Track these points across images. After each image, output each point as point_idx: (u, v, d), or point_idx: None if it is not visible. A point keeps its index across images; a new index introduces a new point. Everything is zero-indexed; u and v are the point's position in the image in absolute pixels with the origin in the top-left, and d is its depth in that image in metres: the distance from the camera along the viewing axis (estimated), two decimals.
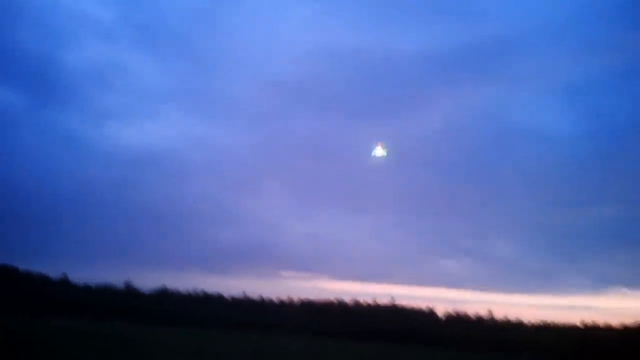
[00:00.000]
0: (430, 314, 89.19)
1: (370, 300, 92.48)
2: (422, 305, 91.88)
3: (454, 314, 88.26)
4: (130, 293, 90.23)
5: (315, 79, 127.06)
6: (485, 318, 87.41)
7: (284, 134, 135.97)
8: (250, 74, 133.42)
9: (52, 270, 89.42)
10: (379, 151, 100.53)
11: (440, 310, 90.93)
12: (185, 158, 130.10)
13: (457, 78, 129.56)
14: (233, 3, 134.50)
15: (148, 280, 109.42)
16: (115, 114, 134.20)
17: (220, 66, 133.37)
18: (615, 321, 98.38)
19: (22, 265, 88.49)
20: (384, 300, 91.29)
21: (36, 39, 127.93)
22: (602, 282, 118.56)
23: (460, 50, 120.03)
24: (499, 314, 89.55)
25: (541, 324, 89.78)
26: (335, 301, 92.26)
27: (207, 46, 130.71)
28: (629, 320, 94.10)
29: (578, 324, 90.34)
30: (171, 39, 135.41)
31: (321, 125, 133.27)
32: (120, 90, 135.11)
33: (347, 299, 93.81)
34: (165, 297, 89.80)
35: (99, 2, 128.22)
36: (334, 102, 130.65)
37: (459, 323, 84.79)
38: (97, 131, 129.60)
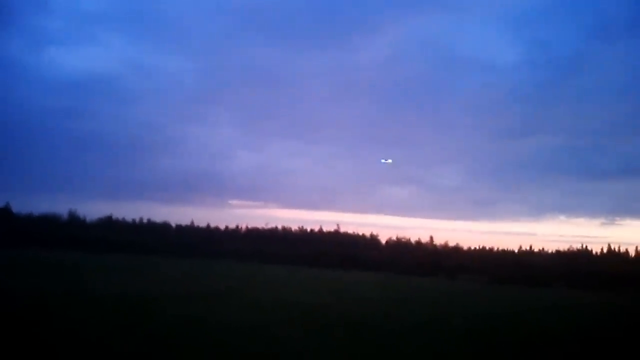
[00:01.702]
0: (373, 240, 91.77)
1: (316, 228, 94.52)
2: (366, 231, 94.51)
3: (395, 240, 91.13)
4: (74, 222, 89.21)
5: (265, 5, 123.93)
6: (425, 243, 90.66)
7: (231, 61, 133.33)
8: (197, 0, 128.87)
9: None
10: None
11: (383, 237, 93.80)
12: (129, 85, 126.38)
13: (404, 7, 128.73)
14: None
15: (93, 210, 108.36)
16: (56, 40, 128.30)
17: None
18: (551, 247, 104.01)
19: None
20: (329, 228, 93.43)
21: None
22: (540, 210, 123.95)
23: None
24: (440, 239, 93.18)
25: (480, 249, 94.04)
26: (281, 228, 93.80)
27: None
28: (564, 246, 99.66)
29: (515, 249, 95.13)
30: None
31: (270, 53, 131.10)
32: (61, 15, 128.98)
33: (294, 226, 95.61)
34: (110, 226, 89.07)
35: None
36: (283, 29, 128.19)
37: (400, 248, 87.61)
38: (38, 57, 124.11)
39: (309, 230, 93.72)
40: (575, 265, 76.63)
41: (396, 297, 35.26)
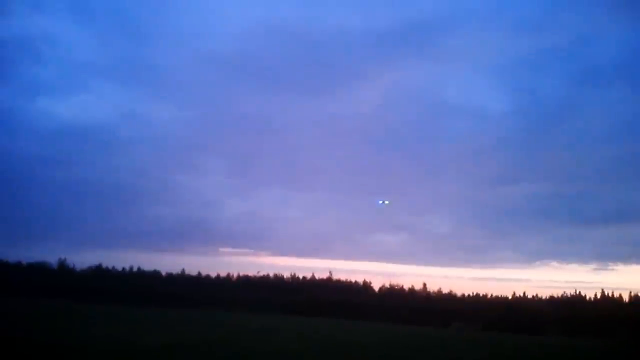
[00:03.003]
0: (366, 287, 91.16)
1: (308, 275, 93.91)
2: (359, 278, 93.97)
3: (389, 287, 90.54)
4: (64, 271, 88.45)
5: (255, 54, 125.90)
6: (419, 290, 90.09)
7: (222, 109, 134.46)
8: (189, 48, 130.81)
9: None
10: None
11: (376, 284, 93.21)
12: (120, 133, 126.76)
13: (394, 55, 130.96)
14: None
15: (83, 259, 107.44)
16: (48, 88, 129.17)
17: (158, 40, 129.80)
18: (544, 293, 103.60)
19: None
20: (321, 275, 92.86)
21: None
22: (531, 256, 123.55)
23: (398, 27, 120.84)
24: (433, 286, 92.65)
25: (473, 295, 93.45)
26: (273, 276, 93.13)
27: (144, 19, 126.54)
28: (557, 292, 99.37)
29: (508, 295, 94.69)
30: (106, 12, 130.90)
31: (260, 101, 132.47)
32: (53, 63, 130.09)
33: (286, 274, 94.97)
34: (99, 275, 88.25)
35: None
36: (274, 78, 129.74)
37: (394, 295, 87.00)
38: (29, 105, 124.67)
39: (301, 278, 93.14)
40: (569, 311, 76.29)
41: (389, 346, 34.86)
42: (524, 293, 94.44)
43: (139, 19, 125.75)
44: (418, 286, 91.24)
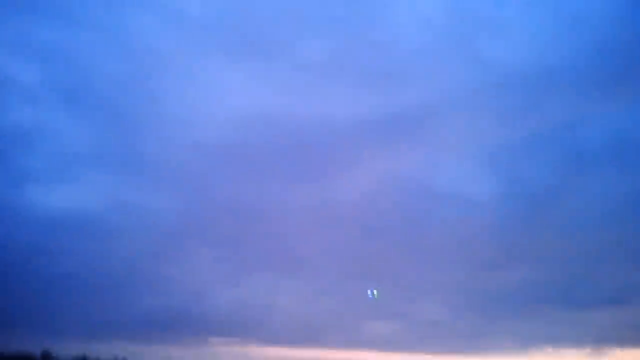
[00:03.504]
0: None
1: None
2: None
3: None
4: None
5: (244, 142, 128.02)
6: None
7: (211, 198, 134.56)
8: (177, 137, 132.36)
9: None
10: None
11: None
12: (108, 222, 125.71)
13: (384, 143, 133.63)
14: (161, 66, 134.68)
15: (68, 349, 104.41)
16: (37, 177, 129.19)
17: (147, 129, 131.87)
18: None
19: None
20: None
21: None
22: (526, 341, 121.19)
23: (387, 116, 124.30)
24: None
25: None
26: None
27: (133, 109, 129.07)
28: None
29: None
30: (97, 102, 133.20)
31: (250, 189, 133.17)
32: (42, 153, 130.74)
33: None
34: None
35: (24, 65, 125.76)
36: (263, 166, 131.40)
37: None
38: (17, 194, 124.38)
39: None
40: None
41: None
42: None
43: (129, 109, 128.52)
44: None
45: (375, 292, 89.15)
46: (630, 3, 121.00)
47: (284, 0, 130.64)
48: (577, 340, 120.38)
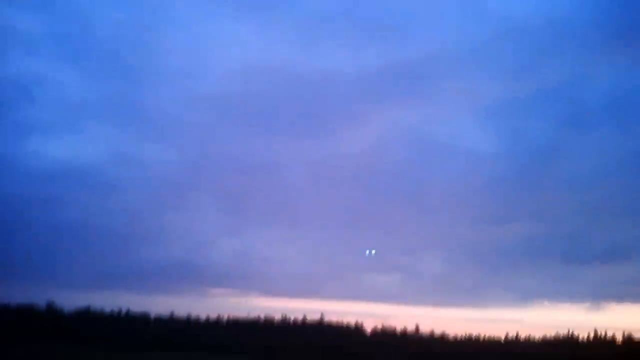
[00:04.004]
0: (358, 330, 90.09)
1: (299, 317, 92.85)
2: (351, 320, 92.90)
3: (380, 329, 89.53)
4: (52, 313, 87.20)
5: (246, 95, 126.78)
6: (410, 332, 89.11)
7: (213, 150, 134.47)
8: (180, 89, 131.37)
9: None
10: None
11: (369, 325, 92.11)
12: (110, 174, 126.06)
13: (386, 96, 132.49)
14: (163, 19, 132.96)
15: (71, 300, 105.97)
16: (39, 129, 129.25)
17: (149, 81, 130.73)
18: (537, 333, 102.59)
19: None
20: (313, 317, 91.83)
21: None
22: (524, 296, 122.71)
23: (389, 69, 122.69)
24: (426, 327, 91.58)
25: (466, 336, 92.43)
26: (263, 318, 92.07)
27: (136, 60, 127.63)
28: (550, 332, 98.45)
29: (501, 336, 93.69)
30: (98, 53, 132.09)
31: (251, 141, 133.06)
32: (45, 105, 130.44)
33: (277, 315, 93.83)
34: (88, 318, 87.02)
35: (25, 14, 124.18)
36: (265, 119, 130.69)
37: (385, 338, 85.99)
38: (20, 146, 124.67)
39: (292, 320, 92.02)
40: (563, 352, 75.69)
41: None
42: (517, 334, 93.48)
43: (130, 60, 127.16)
44: (411, 327, 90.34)
45: (373, 251, 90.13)
46: None
47: None
48: (575, 295, 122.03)
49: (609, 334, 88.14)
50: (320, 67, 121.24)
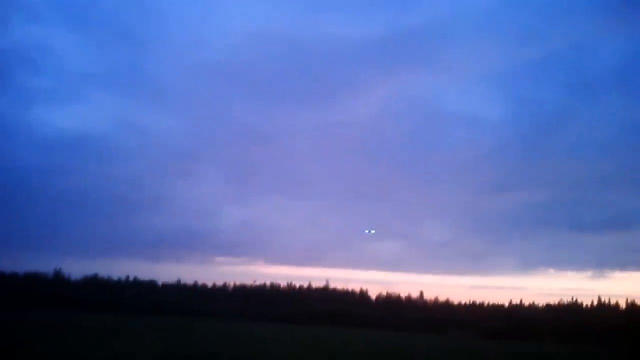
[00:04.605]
0: (363, 296, 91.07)
1: (304, 284, 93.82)
2: (356, 287, 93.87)
3: (385, 296, 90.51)
4: (59, 281, 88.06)
5: (250, 63, 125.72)
6: (415, 299, 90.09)
7: (218, 118, 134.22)
8: (184, 58, 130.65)
9: None
10: None
11: (373, 292, 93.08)
12: (116, 142, 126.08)
13: (390, 64, 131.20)
14: None
15: (79, 268, 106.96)
16: (44, 98, 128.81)
17: (154, 49, 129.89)
18: (541, 300, 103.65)
19: None
20: (318, 284, 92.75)
21: None
22: (528, 263, 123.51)
23: (394, 36, 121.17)
24: (430, 294, 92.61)
25: (470, 303, 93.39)
26: (269, 285, 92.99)
27: (140, 29, 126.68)
28: (554, 299, 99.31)
29: (505, 303, 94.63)
30: (103, 22, 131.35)
31: (256, 110, 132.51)
32: (50, 73, 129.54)
33: (282, 283, 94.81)
34: (95, 285, 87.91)
35: None
36: (269, 87, 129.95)
37: (391, 304, 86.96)
38: (25, 115, 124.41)
39: (297, 287, 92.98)
40: (566, 319, 76.33)
41: (387, 356, 34.82)
42: (521, 301, 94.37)
43: (135, 29, 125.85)
44: (415, 294, 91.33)
45: (370, 231, 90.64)
46: None
47: None
48: (578, 263, 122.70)
49: (612, 301, 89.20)
50: (324, 34, 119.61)
